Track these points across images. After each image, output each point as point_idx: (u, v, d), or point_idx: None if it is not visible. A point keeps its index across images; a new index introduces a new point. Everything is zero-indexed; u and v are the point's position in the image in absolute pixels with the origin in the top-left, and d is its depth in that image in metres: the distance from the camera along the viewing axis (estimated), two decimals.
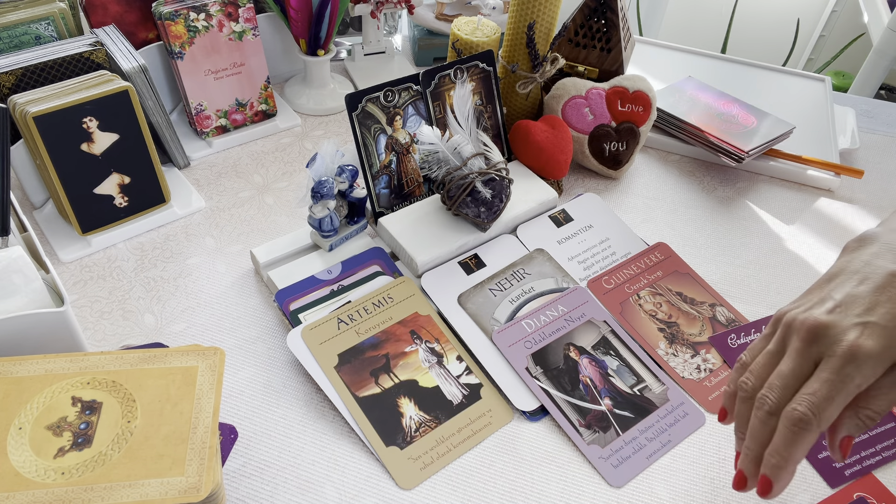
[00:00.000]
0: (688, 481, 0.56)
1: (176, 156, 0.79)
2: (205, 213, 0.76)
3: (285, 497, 0.53)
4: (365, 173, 0.70)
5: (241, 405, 0.59)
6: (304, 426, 0.57)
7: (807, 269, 0.75)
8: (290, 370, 0.61)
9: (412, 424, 0.57)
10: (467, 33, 0.77)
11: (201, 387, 0.48)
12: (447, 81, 0.74)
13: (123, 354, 0.49)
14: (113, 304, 0.66)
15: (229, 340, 0.63)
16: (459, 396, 0.60)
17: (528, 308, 0.66)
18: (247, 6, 0.78)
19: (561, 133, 0.78)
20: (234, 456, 0.55)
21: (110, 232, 0.71)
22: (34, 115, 0.62)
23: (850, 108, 0.98)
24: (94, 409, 0.46)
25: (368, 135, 0.70)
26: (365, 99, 0.69)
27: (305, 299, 0.65)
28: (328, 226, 0.67)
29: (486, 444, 0.57)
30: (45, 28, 0.73)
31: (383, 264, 0.69)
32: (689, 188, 0.85)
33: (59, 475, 0.43)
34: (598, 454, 0.57)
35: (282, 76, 0.95)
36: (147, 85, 0.72)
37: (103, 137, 0.67)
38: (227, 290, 0.68)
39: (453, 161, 0.69)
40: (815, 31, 2.10)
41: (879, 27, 1.55)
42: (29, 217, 0.72)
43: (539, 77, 0.78)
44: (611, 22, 0.81)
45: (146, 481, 0.43)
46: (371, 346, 0.61)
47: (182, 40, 0.76)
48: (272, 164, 0.83)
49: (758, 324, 0.67)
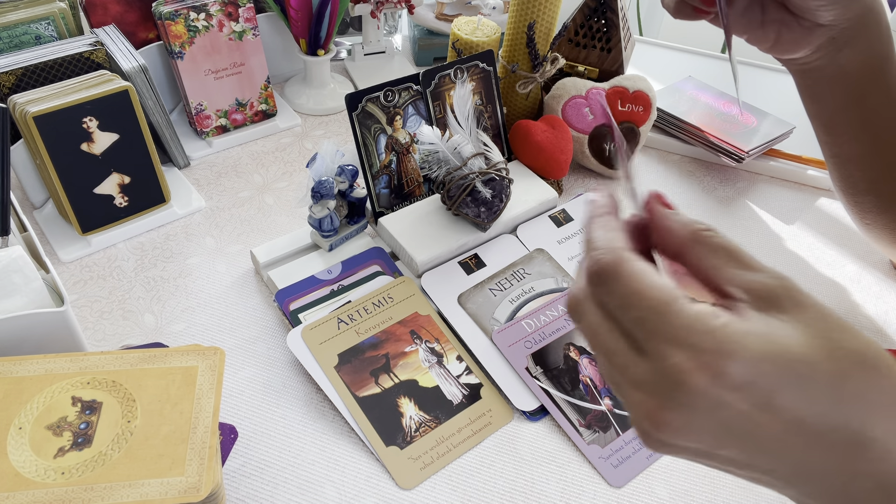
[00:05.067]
0: (688, 481, 0.56)
1: (176, 156, 0.79)
2: (205, 213, 0.76)
3: (285, 497, 0.53)
4: (365, 173, 0.70)
5: (241, 405, 0.59)
6: (304, 426, 0.57)
7: (807, 269, 0.75)
8: (290, 370, 0.61)
9: (412, 424, 0.57)
10: (467, 33, 0.77)
11: (201, 387, 0.48)
12: (447, 81, 0.73)
13: (123, 354, 0.49)
14: (113, 304, 0.66)
15: (229, 340, 0.63)
16: (459, 396, 0.60)
17: (528, 308, 0.66)
18: (247, 6, 0.78)
19: (561, 133, 0.78)
20: (234, 456, 0.55)
21: (110, 232, 0.71)
22: (34, 115, 0.62)
23: None
24: (94, 409, 0.46)
25: (368, 135, 0.70)
26: (365, 99, 0.69)
27: (305, 299, 0.65)
28: (328, 226, 0.67)
29: (486, 444, 0.57)
30: (45, 28, 0.73)
31: (383, 264, 0.69)
32: (689, 188, 0.85)
33: (59, 475, 0.43)
34: (598, 454, 0.57)
35: (282, 76, 0.95)
36: (147, 85, 0.72)
37: (103, 137, 0.67)
38: (227, 290, 0.68)
39: (453, 161, 0.69)
40: None
41: None
42: (29, 217, 0.72)
43: (539, 77, 0.78)
44: (611, 22, 0.81)
45: (146, 481, 0.43)
46: (371, 346, 0.61)
47: (182, 40, 0.75)
48: (272, 164, 0.83)
49: None
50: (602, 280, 0.30)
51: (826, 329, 0.28)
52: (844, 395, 0.28)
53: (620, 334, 0.30)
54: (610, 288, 0.30)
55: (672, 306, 0.29)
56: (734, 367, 0.27)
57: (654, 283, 0.29)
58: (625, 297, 0.30)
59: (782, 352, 0.28)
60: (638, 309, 0.29)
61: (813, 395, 0.27)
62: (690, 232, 0.32)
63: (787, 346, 0.28)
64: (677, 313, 0.28)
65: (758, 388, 0.27)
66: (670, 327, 0.28)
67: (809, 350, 0.28)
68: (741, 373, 0.27)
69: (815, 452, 0.28)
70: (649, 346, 0.29)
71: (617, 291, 0.30)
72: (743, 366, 0.27)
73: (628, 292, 0.30)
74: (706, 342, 0.28)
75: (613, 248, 0.31)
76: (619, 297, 0.30)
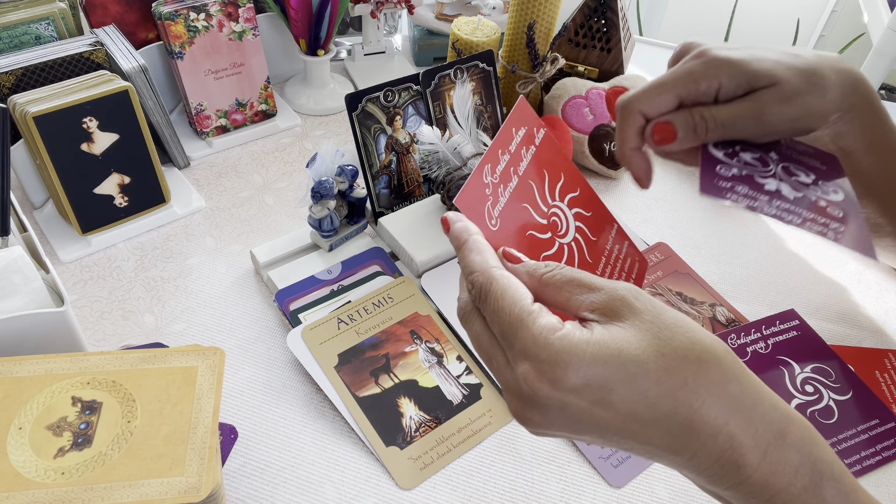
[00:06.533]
0: (688, 481, 0.56)
1: (176, 156, 0.79)
2: (205, 213, 0.76)
3: (285, 497, 0.53)
4: (365, 173, 0.70)
5: (241, 405, 0.59)
6: (304, 426, 0.57)
7: (807, 269, 0.75)
8: (290, 370, 0.61)
9: (412, 424, 0.57)
10: (467, 33, 0.77)
11: (201, 387, 0.48)
12: (447, 81, 0.73)
13: (123, 354, 0.49)
14: (113, 304, 0.66)
15: (229, 340, 0.63)
16: (459, 396, 0.60)
17: None
18: (247, 6, 0.78)
19: (560, 133, 0.78)
20: (234, 456, 0.55)
21: (110, 232, 0.71)
22: (34, 115, 0.62)
23: None
24: (94, 409, 0.46)
25: (368, 135, 0.70)
26: (365, 99, 0.69)
27: (305, 299, 0.65)
28: (328, 226, 0.67)
29: (486, 444, 0.57)
30: (45, 28, 0.73)
31: (383, 264, 0.69)
32: (689, 188, 0.85)
33: (59, 475, 0.43)
34: (598, 454, 0.57)
35: (282, 76, 0.95)
36: (147, 85, 0.72)
37: (103, 137, 0.67)
38: (227, 290, 0.68)
39: (453, 161, 0.69)
40: (815, 31, 2.10)
41: (879, 27, 1.55)
42: (29, 217, 0.72)
43: (539, 77, 0.78)
44: (611, 22, 0.81)
45: (146, 481, 0.43)
46: (371, 346, 0.61)
47: (182, 40, 0.75)
48: (272, 164, 0.83)
49: (758, 324, 0.67)
50: (478, 297, 0.36)
51: (657, 330, 0.33)
52: (672, 387, 0.32)
53: (496, 342, 0.36)
54: (483, 304, 0.36)
55: (524, 321, 0.34)
56: (568, 374, 0.32)
57: (514, 300, 0.35)
58: (492, 313, 0.35)
59: (614, 355, 0.32)
60: (500, 323, 0.35)
61: (643, 389, 0.32)
62: (536, 280, 0.37)
63: (619, 349, 0.32)
64: (527, 328, 0.33)
65: (592, 388, 0.32)
66: (519, 341, 0.34)
67: (640, 351, 0.32)
68: (574, 378, 0.32)
69: (656, 436, 0.33)
70: (509, 356, 0.35)
71: (487, 308, 0.35)
72: (575, 371, 0.32)
73: (494, 308, 0.35)
74: (545, 353, 0.33)
75: (485, 270, 0.36)
76: (489, 313, 0.35)
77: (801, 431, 0.33)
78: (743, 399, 0.33)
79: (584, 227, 0.47)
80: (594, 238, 0.47)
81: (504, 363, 0.35)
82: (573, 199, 0.47)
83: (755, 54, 0.47)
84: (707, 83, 0.46)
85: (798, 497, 0.33)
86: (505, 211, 0.41)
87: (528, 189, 0.43)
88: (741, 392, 0.33)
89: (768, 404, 0.33)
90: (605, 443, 0.35)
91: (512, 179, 0.42)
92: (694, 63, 0.47)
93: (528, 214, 0.43)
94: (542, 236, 0.43)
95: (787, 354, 0.64)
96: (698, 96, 0.47)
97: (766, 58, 0.47)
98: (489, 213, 0.40)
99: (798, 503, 0.33)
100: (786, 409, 0.34)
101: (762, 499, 0.33)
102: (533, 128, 0.44)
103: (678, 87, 0.46)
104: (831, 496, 0.33)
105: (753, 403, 0.33)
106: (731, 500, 0.35)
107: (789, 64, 0.47)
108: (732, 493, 0.34)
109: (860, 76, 0.50)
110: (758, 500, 0.33)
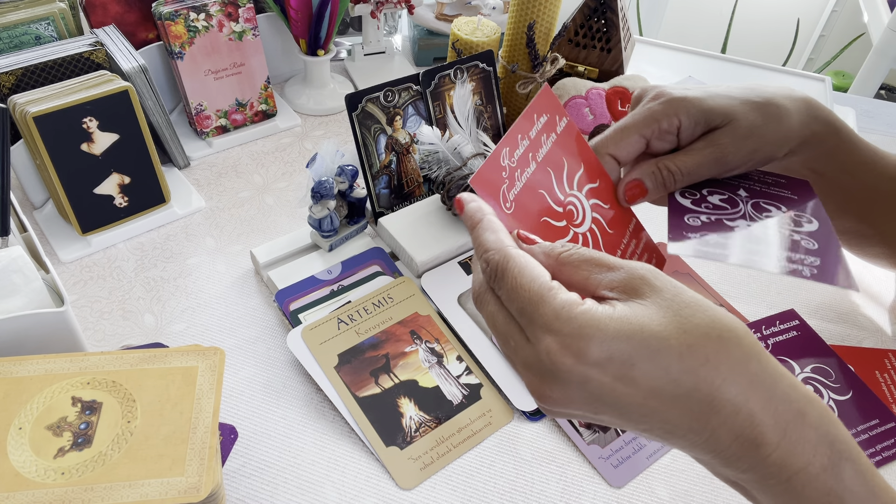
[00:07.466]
0: (688, 481, 0.56)
1: (176, 156, 0.79)
2: (205, 213, 0.76)
3: (285, 497, 0.53)
4: (365, 173, 0.70)
5: (241, 405, 0.59)
6: (304, 426, 0.57)
7: None
8: (290, 370, 0.61)
9: (412, 424, 0.57)
10: (467, 33, 0.77)
11: (201, 387, 0.48)
12: (447, 81, 0.73)
13: (123, 354, 0.49)
14: (113, 304, 0.66)
15: (229, 340, 0.63)
16: (459, 396, 0.60)
17: None
18: (247, 6, 0.78)
19: None
20: (234, 456, 0.55)
21: (110, 232, 0.71)
22: (34, 115, 0.62)
23: (850, 108, 0.98)
24: (94, 410, 0.46)
25: (368, 135, 0.70)
26: (365, 99, 0.69)
27: (305, 299, 0.65)
28: (328, 226, 0.67)
29: (486, 444, 0.57)
30: (45, 28, 0.73)
31: (383, 264, 0.69)
32: None
33: (59, 475, 0.43)
34: (598, 454, 0.57)
35: (282, 76, 0.95)
36: (147, 85, 0.72)
37: (103, 137, 0.67)
38: (227, 290, 0.68)
39: (453, 161, 0.69)
40: (815, 31, 2.10)
41: (879, 27, 1.55)
42: (29, 217, 0.72)
43: (539, 77, 0.78)
44: (611, 22, 0.81)
45: (146, 481, 0.43)
46: (371, 346, 0.61)
47: (182, 40, 0.75)
48: (272, 164, 0.83)
49: (758, 324, 0.67)
50: (493, 276, 0.36)
51: (678, 308, 0.33)
52: (694, 363, 0.32)
53: (512, 321, 0.36)
54: (499, 283, 0.36)
55: (545, 297, 0.34)
56: (592, 347, 0.32)
57: (533, 277, 0.35)
58: (510, 291, 0.35)
59: (637, 330, 0.32)
60: (519, 301, 0.34)
61: (665, 365, 0.32)
62: (553, 259, 0.37)
63: (642, 325, 0.33)
64: (548, 303, 0.33)
65: (615, 363, 0.32)
66: (541, 316, 0.34)
67: (662, 327, 0.33)
68: (598, 351, 0.32)
69: (675, 413, 0.33)
70: (529, 332, 0.35)
71: (504, 286, 0.35)
72: (599, 345, 0.32)
73: (512, 286, 0.35)
74: (568, 327, 0.33)
75: (501, 248, 0.36)
76: (506, 291, 0.35)
77: (820, 412, 0.34)
78: (763, 378, 0.33)
79: (602, 219, 0.47)
80: (611, 231, 0.48)
81: (523, 341, 0.35)
82: (592, 190, 0.47)
83: (710, 92, 0.49)
84: (668, 122, 0.48)
85: (817, 477, 0.33)
86: (521, 195, 0.41)
87: (546, 176, 0.43)
88: (761, 371, 0.33)
89: (787, 384, 0.33)
90: (621, 422, 0.35)
91: (530, 165, 0.42)
92: (653, 104, 0.49)
93: (544, 201, 0.43)
94: (556, 224, 0.44)
95: (787, 354, 0.64)
96: (661, 135, 0.49)
97: (721, 95, 0.49)
98: (504, 196, 0.40)
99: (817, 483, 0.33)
100: (804, 389, 0.34)
101: (780, 479, 0.33)
102: (555, 116, 0.44)
103: (641, 128, 0.49)
104: (849, 477, 0.33)
105: (774, 382, 0.33)
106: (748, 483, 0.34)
107: (744, 99, 0.49)
108: (750, 475, 0.34)
109: (816, 102, 0.52)
110: (776, 481, 0.33)
